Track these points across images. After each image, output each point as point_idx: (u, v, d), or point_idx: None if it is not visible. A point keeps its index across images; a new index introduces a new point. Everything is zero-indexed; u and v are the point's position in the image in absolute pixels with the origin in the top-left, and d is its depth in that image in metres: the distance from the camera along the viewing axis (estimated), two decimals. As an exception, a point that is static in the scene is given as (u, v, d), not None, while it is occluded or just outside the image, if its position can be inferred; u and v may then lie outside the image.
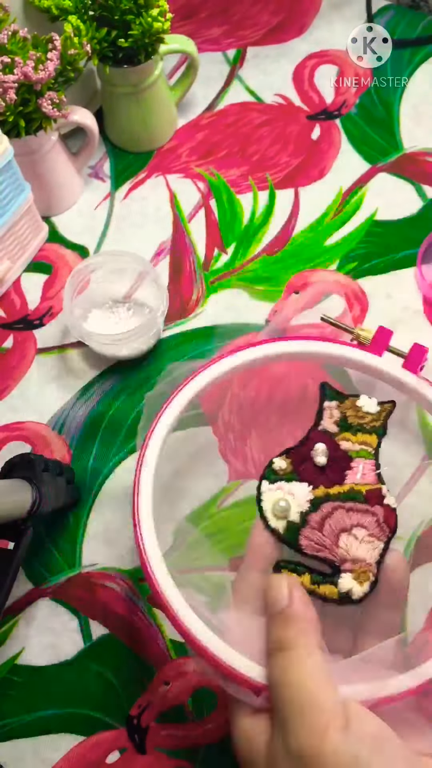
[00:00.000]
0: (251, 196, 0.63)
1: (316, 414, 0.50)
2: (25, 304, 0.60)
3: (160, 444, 0.46)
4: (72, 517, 0.52)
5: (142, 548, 0.42)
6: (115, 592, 0.50)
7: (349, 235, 0.60)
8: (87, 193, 0.65)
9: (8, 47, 0.53)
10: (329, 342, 0.51)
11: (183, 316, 0.58)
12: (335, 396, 0.50)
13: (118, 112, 0.63)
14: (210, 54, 0.71)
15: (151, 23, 0.55)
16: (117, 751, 0.46)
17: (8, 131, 0.54)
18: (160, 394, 0.46)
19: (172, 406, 0.47)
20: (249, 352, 0.50)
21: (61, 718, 0.47)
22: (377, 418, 0.49)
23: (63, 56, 0.54)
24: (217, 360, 0.49)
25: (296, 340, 0.51)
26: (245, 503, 0.51)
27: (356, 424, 0.49)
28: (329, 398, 0.50)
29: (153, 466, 0.45)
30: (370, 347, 0.51)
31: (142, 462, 0.44)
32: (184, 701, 0.47)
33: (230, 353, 0.51)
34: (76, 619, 0.49)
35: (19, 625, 0.49)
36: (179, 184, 0.64)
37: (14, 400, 0.56)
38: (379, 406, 0.50)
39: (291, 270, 0.59)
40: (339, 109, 0.66)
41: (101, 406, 0.55)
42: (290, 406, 0.54)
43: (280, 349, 0.51)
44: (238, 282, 0.59)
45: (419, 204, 0.61)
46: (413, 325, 0.55)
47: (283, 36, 0.71)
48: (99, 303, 0.58)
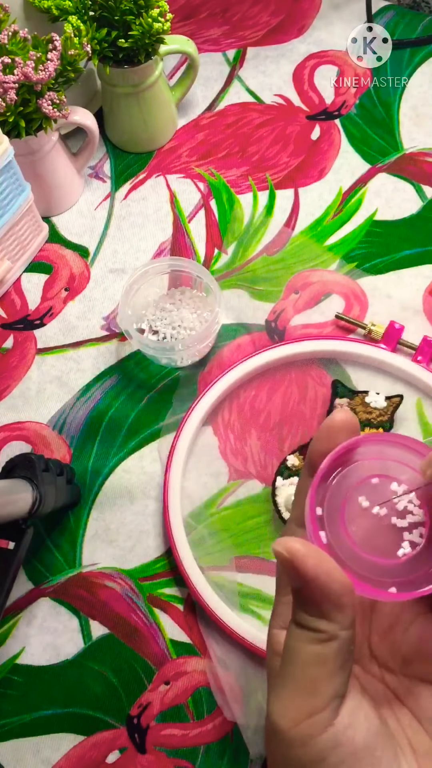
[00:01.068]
0: (251, 196, 0.63)
1: (327, 411, 0.52)
2: (25, 305, 0.60)
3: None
4: (72, 517, 0.52)
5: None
6: (115, 592, 0.50)
7: (349, 235, 0.60)
8: (87, 193, 0.65)
9: (8, 48, 0.53)
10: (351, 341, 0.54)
11: (183, 316, 0.58)
12: (346, 393, 0.52)
13: (119, 112, 0.63)
14: (210, 54, 0.71)
15: (151, 24, 0.55)
16: (117, 751, 0.46)
17: (8, 131, 0.55)
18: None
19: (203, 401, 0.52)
20: (268, 354, 0.54)
21: (61, 718, 0.47)
22: (384, 413, 0.51)
23: (63, 56, 0.54)
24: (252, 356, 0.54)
25: (312, 341, 0.54)
26: (245, 503, 0.51)
27: (364, 419, 0.51)
28: (340, 395, 0.52)
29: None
30: (383, 341, 0.54)
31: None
32: (184, 701, 0.47)
33: (250, 356, 0.53)
34: (76, 619, 0.49)
35: (20, 625, 0.49)
36: (179, 185, 0.64)
37: (14, 400, 0.56)
38: (386, 401, 0.52)
39: (291, 270, 0.59)
40: (339, 110, 0.66)
41: (101, 406, 0.55)
42: (290, 406, 0.54)
43: (294, 350, 0.54)
44: (238, 282, 0.59)
45: (419, 204, 0.61)
46: (413, 325, 0.55)
47: (283, 36, 0.71)
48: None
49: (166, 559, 0.50)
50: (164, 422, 0.54)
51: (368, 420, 0.51)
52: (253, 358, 0.54)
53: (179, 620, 0.48)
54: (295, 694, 0.26)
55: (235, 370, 0.53)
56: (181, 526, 0.49)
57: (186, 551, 0.49)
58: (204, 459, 0.53)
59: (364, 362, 0.54)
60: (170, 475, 0.51)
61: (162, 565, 0.50)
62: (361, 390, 0.53)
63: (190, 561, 0.48)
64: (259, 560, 0.49)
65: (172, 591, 0.49)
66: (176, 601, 0.49)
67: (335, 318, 0.56)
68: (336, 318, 0.56)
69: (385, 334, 0.54)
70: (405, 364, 0.53)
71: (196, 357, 0.55)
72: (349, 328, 0.56)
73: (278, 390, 0.55)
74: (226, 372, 0.53)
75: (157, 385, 0.56)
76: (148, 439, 0.54)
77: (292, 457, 0.51)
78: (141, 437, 0.54)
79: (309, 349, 0.54)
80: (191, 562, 0.48)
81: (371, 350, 0.54)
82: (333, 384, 0.53)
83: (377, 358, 0.54)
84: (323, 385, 0.54)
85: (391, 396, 0.52)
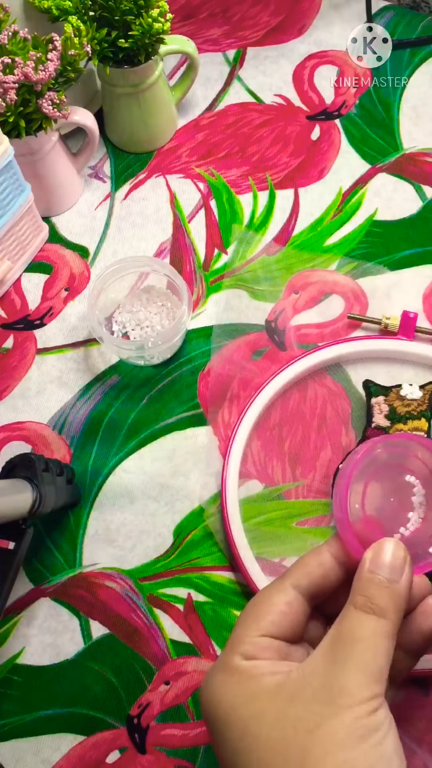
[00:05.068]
0: (251, 197, 0.63)
1: (366, 413, 0.52)
2: (25, 305, 0.60)
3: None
4: (72, 517, 0.52)
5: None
6: (115, 592, 0.50)
7: (349, 235, 0.60)
8: (87, 193, 0.65)
9: (8, 48, 0.53)
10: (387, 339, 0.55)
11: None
12: (380, 391, 0.53)
13: (119, 112, 0.63)
14: (210, 54, 0.71)
15: (151, 24, 0.55)
16: (117, 751, 0.46)
17: (8, 132, 0.55)
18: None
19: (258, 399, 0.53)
20: (301, 364, 0.54)
21: (61, 718, 0.47)
22: (422, 402, 0.52)
23: (63, 57, 0.54)
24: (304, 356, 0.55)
25: (335, 345, 0.55)
26: (245, 503, 0.51)
27: (404, 413, 0.51)
28: (374, 394, 0.53)
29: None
30: (400, 333, 0.54)
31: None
32: (184, 701, 0.47)
33: (295, 360, 0.54)
34: (76, 619, 0.49)
35: (20, 625, 0.49)
36: (179, 185, 0.64)
37: (14, 400, 0.56)
38: (421, 391, 0.52)
39: (291, 270, 0.59)
40: (339, 110, 0.66)
41: (101, 406, 0.55)
42: (291, 406, 0.54)
43: (323, 357, 0.54)
44: (238, 282, 0.59)
45: (419, 204, 0.61)
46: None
47: (283, 36, 0.71)
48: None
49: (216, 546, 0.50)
50: (165, 422, 0.54)
51: (408, 413, 0.52)
52: (286, 370, 0.54)
53: (179, 620, 0.48)
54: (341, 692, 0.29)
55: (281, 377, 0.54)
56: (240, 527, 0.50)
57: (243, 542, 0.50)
58: (204, 459, 0.53)
59: (387, 357, 0.55)
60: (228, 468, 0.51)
61: (163, 565, 0.50)
62: (393, 385, 0.53)
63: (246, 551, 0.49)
64: (259, 560, 0.49)
65: (172, 591, 0.49)
66: (176, 601, 0.49)
67: (348, 319, 0.56)
68: (349, 318, 0.56)
69: (401, 325, 0.54)
70: (430, 350, 0.53)
71: (167, 354, 0.56)
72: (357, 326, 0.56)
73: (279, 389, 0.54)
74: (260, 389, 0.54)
75: (157, 385, 0.56)
76: (148, 439, 0.54)
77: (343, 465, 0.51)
78: (141, 437, 0.54)
79: (333, 355, 0.54)
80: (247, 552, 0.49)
81: (396, 344, 0.54)
82: (365, 385, 0.53)
83: (401, 350, 0.54)
84: (323, 385, 0.54)
85: (425, 384, 0.52)
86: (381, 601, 0.30)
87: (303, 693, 0.29)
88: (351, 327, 0.57)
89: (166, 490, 0.52)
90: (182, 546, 0.51)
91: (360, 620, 0.30)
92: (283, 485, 0.52)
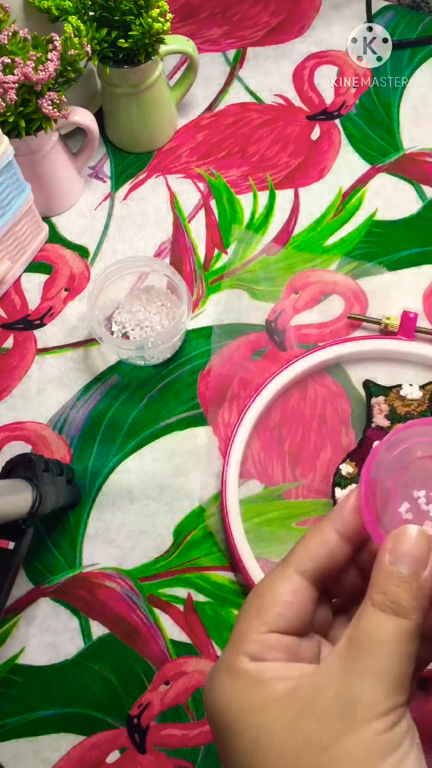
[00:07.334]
0: (251, 197, 0.63)
1: (366, 413, 0.52)
2: (25, 305, 0.60)
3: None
4: (72, 517, 0.52)
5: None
6: (115, 592, 0.50)
7: (349, 235, 0.60)
8: (87, 193, 0.65)
9: (8, 48, 0.53)
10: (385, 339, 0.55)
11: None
12: (380, 391, 0.53)
13: (119, 112, 0.63)
14: (210, 54, 0.71)
15: (151, 24, 0.55)
16: (117, 751, 0.46)
17: (8, 131, 0.54)
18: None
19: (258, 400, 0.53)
20: (300, 364, 0.54)
21: (61, 718, 0.47)
22: (422, 401, 0.52)
23: (63, 57, 0.54)
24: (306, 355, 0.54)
25: (335, 345, 0.54)
26: (245, 503, 0.51)
27: (404, 413, 0.51)
28: (375, 394, 0.53)
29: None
30: (400, 333, 0.54)
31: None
32: (184, 701, 0.47)
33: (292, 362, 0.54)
34: (76, 619, 0.49)
35: (20, 625, 0.49)
36: (179, 185, 0.64)
37: (14, 400, 0.56)
38: (421, 391, 0.52)
39: (291, 270, 0.59)
40: (339, 110, 0.66)
41: (101, 406, 0.55)
42: (291, 406, 0.54)
43: (321, 357, 0.54)
44: (238, 282, 0.59)
45: (419, 204, 0.61)
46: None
47: (283, 37, 0.71)
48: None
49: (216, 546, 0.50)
50: (165, 422, 0.54)
51: (408, 413, 0.52)
52: (286, 371, 0.54)
53: (179, 620, 0.48)
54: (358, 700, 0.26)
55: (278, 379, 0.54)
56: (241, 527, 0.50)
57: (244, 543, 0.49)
58: (204, 459, 0.53)
59: (387, 357, 0.55)
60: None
61: (163, 565, 0.50)
62: (393, 385, 0.53)
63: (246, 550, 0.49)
64: (259, 560, 0.49)
65: (172, 591, 0.49)
66: (176, 601, 0.49)
67: (348, 319, 0.56)
68: (349, 318, 0.56)
69: (401, 325, 0.54)
70: (430, 350, 0.53)
71: (167, 354, 0.56)
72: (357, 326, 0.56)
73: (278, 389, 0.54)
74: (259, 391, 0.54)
75: (158, 385, 0.56)
76: (148, 439, 0.54)
77: (344, 465, 0.51)
78: (141, 437, 0.54)
79: (333, 355, 0.54)
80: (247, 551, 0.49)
81: (396, 344, 0.54)
82: (365, 385, 0.53)
83: (401, 350, 0.54)
84: (323, 385, 0.54)
85: (425, 384, 0.52)
86: (402, 599, 0.27)
87: (316, 704, 0.26)
88: (351, 327, 0.57)
89: (166, 490, 0.52)
90: (182, 546, 0.51)
91: (378, 621, 0.27)
92: (283, 485, 0.52)
